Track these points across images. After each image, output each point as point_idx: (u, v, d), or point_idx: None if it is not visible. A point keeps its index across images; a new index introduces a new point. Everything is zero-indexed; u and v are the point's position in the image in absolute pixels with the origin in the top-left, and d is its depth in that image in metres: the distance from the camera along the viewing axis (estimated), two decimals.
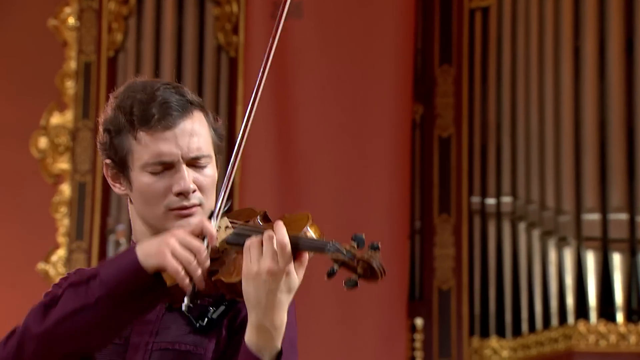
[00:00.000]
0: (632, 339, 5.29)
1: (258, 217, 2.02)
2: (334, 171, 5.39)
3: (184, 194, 2.00)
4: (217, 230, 1.97)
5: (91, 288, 1.90)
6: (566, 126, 5.53)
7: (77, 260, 5.72)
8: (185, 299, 1.89)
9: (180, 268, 1.88)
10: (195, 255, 1.89)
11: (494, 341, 5.51)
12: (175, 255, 1.88)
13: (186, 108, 2.02)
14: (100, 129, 2.05)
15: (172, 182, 2.00)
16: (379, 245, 1.81)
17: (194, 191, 2.01)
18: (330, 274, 1.80)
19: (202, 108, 2.06)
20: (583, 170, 5.47)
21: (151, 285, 1.90)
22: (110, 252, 5.70)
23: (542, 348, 5.37)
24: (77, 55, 5.85)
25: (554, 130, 5.55)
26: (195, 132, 2.01)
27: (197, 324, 1.97)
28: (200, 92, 5.76)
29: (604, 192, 5.45)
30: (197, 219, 1.97)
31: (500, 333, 5.53)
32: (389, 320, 5.29)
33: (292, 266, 1.84)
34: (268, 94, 5.45)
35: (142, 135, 1.99)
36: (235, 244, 1.95)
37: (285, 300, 1.86)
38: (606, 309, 5.35)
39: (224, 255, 1.95)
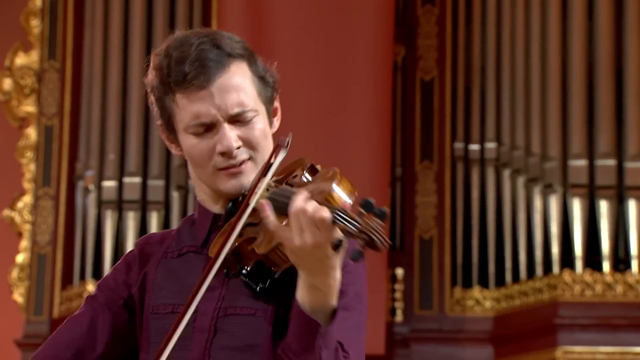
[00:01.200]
0: (619, 288, 5.26)
1: (304, 170, 1.98)
2: (312, 117, 5.30)
3: (227, 154, 1.97)
4: (261, 191, 1.93)
5: None
6: (553, 69, 5.46)
7: (44, 207, 5.64)
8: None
9: None
10: None
11: (476, 291, 5.47)
12: None
13: (222, 62, 1.96)
14: (147, 87, 2.04)
15: (216, 142, 1.97)
16: (385, 212, 1.77)
17: (239, 148, 1.97)
18: (337, 246, 1.78)
19: (243, 57, 2.00)
20: (570, 114, 5.40)
21: None
22: (79, 199, 5.63)
23: (526, 298, 5.34)
24: None
25: (540, 74, 5.49)
26: (234, 87, 1.96)
27: (258, 287, 1.93)
28: (172, 21, 5.65)
29: (591, 138, 5.39)
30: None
31: (483, 283, 5.49)
32: (368, 270, 5.20)
33: (336, 232, 1.79)
34: (242, 37, 5.34)
35: (179, 97, 1.96)
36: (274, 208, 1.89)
37: (336, 261, 1.82)
38: (592, 258, 5.31)
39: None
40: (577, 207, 5.35)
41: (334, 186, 1.85)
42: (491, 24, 5.58)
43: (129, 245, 5.47)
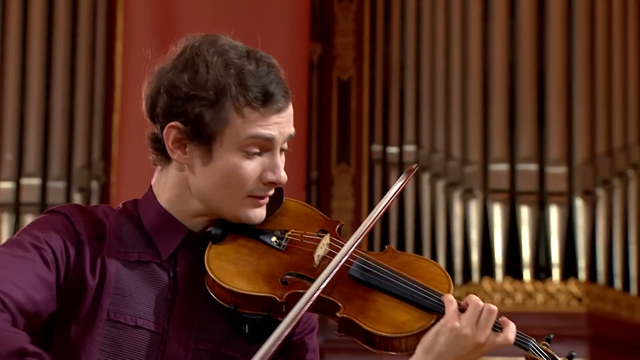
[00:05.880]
0: (539, 297, 5.35)
1: (336, 228, 2.04)
2: None
3: (274, 184, 2.00)
4: (320, 247, 1.99)
5: None
6: (474, 70, 5.54)
7: None
8: None
9: None
10: None
11: None
12: None
13: (288, 92, 2.03)
14: (177, 87, 1.96)
15: (265, 169, 1.99)
16: (574, 355, 1.94)
17: None
18: None
19: None
20: (491, 117, 5.49)
21: None
22: None
23: None
24: None
25: (460, 75, 5.56)
26: (292, 114, 2.04)
27: (245, 329, 1.93)
28: (74, 26, 5.63)
29: (513, 141, 5.48)
30: None
31: None
32: None
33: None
34: (150, 30, 5.32)
35: (250, 112, 1.96)
36: (364, 281, 1.95)
37: None
38: (513, 266, 5.40)
39: (341, 285, 1.94)
40: (497, 213, 5.44)
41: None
42: (411, 22, 5.64)
43: None
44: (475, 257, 5.41)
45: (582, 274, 5.38)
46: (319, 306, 1.92)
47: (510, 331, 1.93)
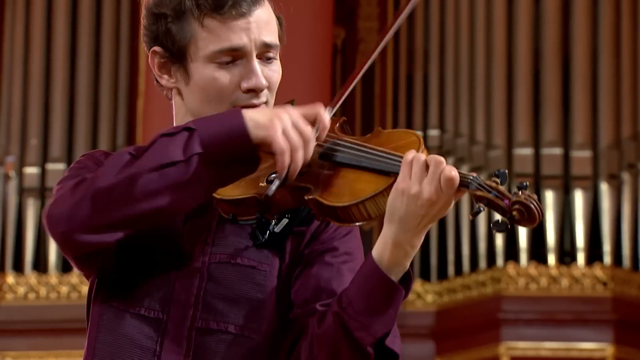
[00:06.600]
0: (564, 282, 5.36)
1: (337, 125, 1.99)
2: None
3: (255, 91, 1.95)
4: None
5: (187, 144, 1.83)
6: (498, 54, 5.54)
7: None
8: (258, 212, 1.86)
9: (287, 149, 1.83)
10: (304, 143, 1.84)
11: (417, 285, 5.52)
12: (286, 135, 1.83)
13: None
14: (150, 11, 1.96)
15: (242, 77, 1.95)
16: (527, 185, 1.82)
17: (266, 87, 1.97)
18: (477, 213, 1.82)
19: None
20: (515, 101, 5.49)
21: (249, 157, 1.84)
22: None
23: (469, 292, 5.42)
24: None
25: (485, 59, 5.56)
26: (268, 22, 1.96)
27: (261, 238, 1.92)
28: (99, 11, 5.65)
29: (537, 126, 5.49)
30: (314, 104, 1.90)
31: (425, 276, 5.56)
32: None
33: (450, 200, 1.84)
34: None
35: (210, 21, 1.92)
36: (332, 160, 1.92)
37: (429, 225, 1.85)
38: (537, 251, 5.41)
39: (312, 170, 1.92)
40: None
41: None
42: (435, 6, 5.64)
43: None
44: (499, 241, 5.42)
45: (607, 258, 5.38)
46: (294, 197, 1.92)
47: (448, 166, 1.83)
